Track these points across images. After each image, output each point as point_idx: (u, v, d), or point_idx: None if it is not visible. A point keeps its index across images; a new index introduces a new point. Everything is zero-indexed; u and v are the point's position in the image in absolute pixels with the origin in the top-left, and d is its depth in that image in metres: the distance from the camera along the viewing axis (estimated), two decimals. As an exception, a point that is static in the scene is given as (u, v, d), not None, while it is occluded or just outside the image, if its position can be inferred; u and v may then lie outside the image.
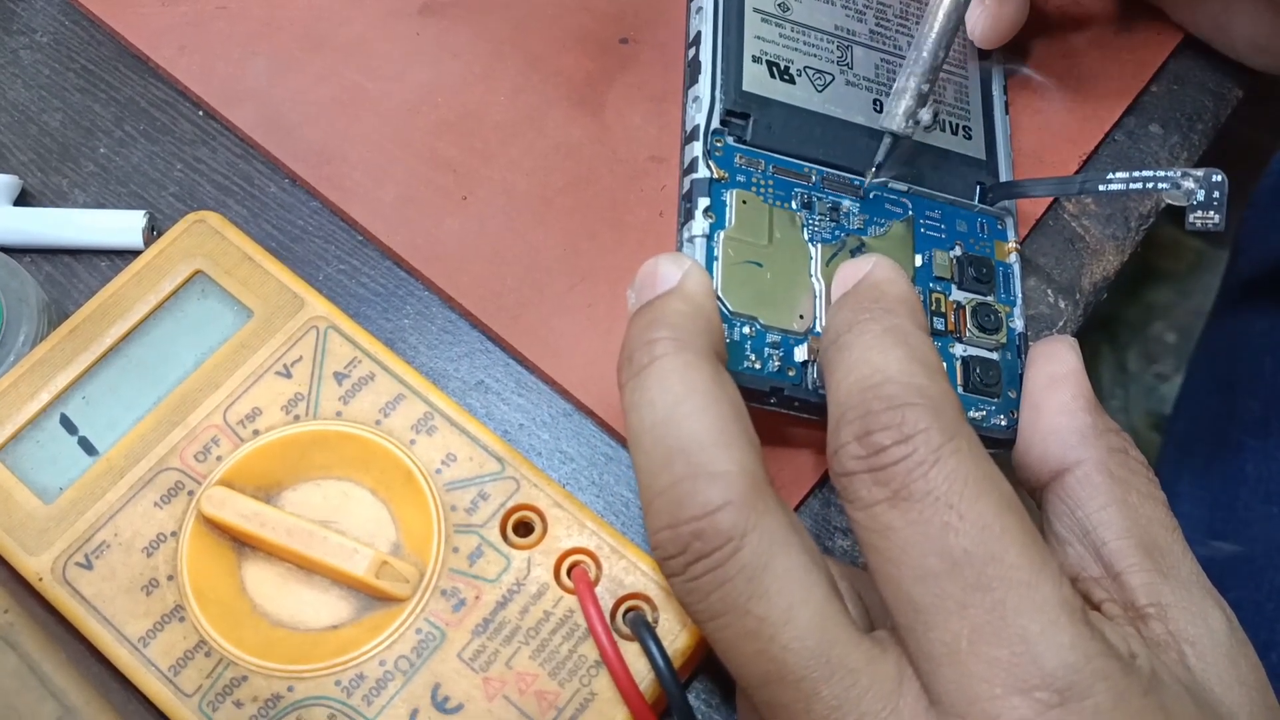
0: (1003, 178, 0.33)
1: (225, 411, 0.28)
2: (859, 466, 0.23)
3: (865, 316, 0.25)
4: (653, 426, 0.23)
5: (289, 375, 0.29)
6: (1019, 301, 0.32)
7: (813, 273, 0.30)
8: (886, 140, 0.31)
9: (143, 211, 0.33)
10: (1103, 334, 1.12)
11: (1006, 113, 0.34)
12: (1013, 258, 0.32)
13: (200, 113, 0.36)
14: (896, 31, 0.34)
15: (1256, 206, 0.61)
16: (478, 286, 0.33)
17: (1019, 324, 0.31)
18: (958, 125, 0.33)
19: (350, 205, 0.34)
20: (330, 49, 0.36)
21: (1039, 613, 0.22)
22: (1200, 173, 0.28)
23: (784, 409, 0.29)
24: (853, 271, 0.27)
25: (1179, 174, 0.28)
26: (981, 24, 0.34)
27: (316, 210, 0.34)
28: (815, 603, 0.23)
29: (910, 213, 0.31)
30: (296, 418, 0.28)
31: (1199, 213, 0.28)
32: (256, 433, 0.28)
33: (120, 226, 0.33)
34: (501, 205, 0.34)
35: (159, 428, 0.28)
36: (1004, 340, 0.31)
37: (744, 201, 0.30)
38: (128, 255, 0.33)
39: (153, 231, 0.33)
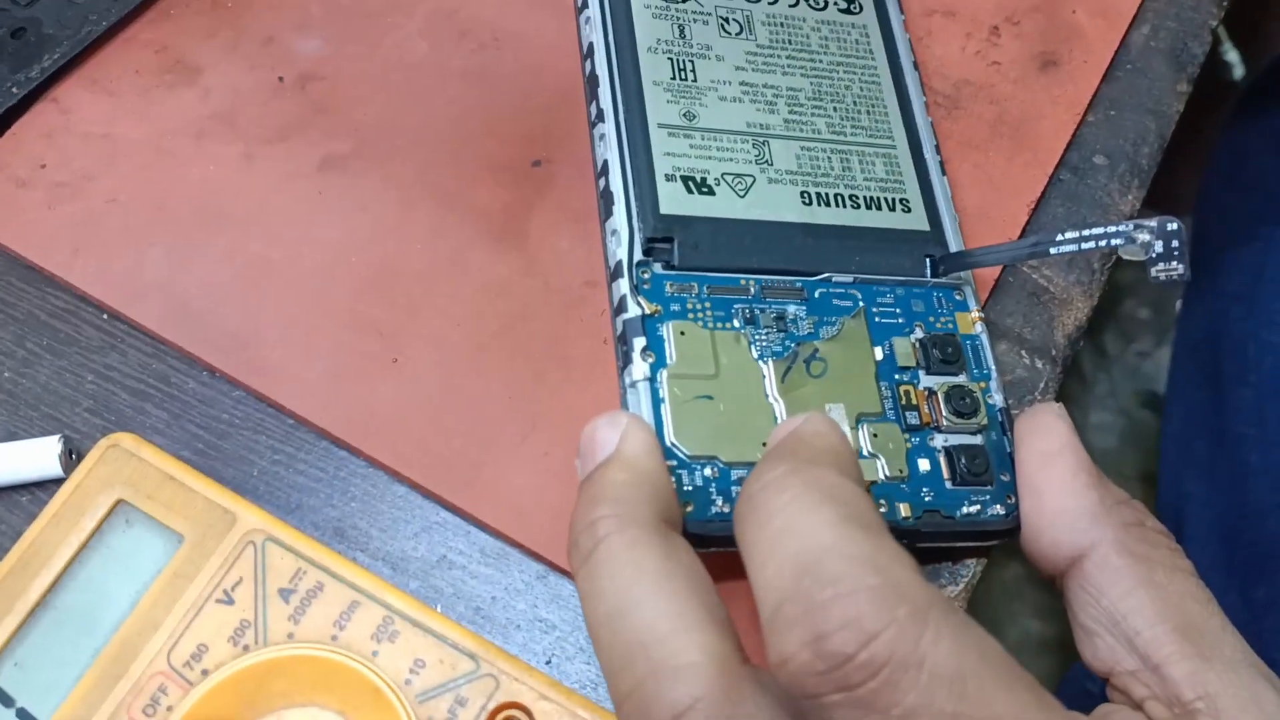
0: (951, 245, 0.31)
1: (169, 654, 0.26)
2: (824, 686, 0.19)
3: (783, 469, 0.21)
4: (607, 620, 0.21)
5: (231, 601, 0.27)
6: (994, 374, 0.30)
7: (768, 393, 0.28)
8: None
9: (57, 436, 0.31)
10: (1077, 325, 1.10)
11: (944, 174, 0.32)
12: (978, 328, 0.30)
13: (104, 316, 0.33)
14: (812, 114, 0.32)
15: (1206, 195, 0.60)
16: (423, 454, 0.31)
17: (997, 398, 0.30)
18: (894, 200, 0.31)
19: (275, 389, 0.32)
20: (229, 224, 0.34)
21: None
22: (1154, 223, 0.26)
23: None
24: (782, 429, 0.24)
25: (1131, 226, 0.26)
26: None
27: (241, 399, 0.32)
28: None
29: (861, 304, 0.30)
30: (246, 647, 0.26)
31: (1160, 265, 0.26)
32: (205, 672, 0.26)
33: (34, 457, 0.31)
34: (435, 361, 0.32)
35: (101, 684, 0.26)
36: (985, 421, 0.29)
37: (682, 333, 0.28)
38: (51, 485, 0.31)
39: (71, 455, 0.31)
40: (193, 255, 0.33)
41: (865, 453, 0.28)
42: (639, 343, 0.27)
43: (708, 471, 0.26)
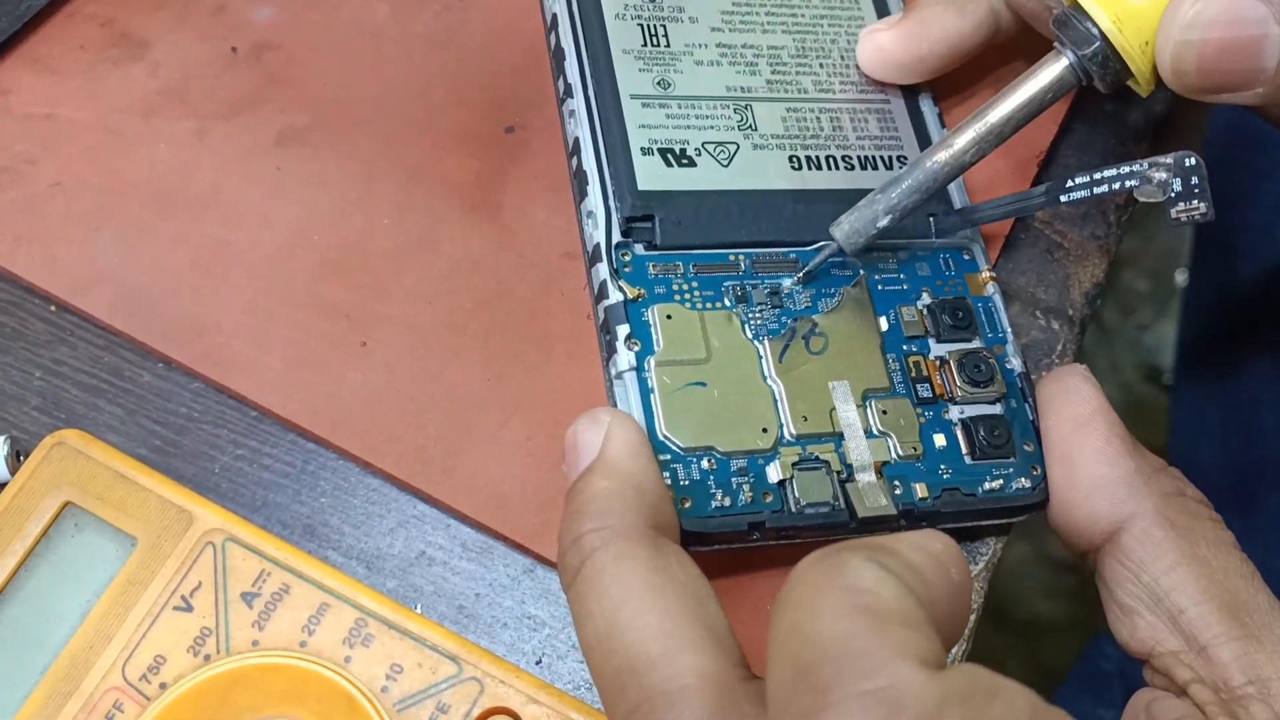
0: (955, 201, 0.29)
1: (124, 667, 0.24)
2: None
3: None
4: (597, 643, 0.20)
5: (189, 608, 0.24)
6: (1009, 337, 0.28)
7: (766, 374, 0.26)
8: (830, 246, 0.27)
9: (3, 437, 0.29)
10: (1076, 298, 1.08)
11: (943, 126, 0.30)
12: (990, 288, 0.28)
13: (51, 308, 0.31)
14: (797, 73, 0.30)
15: (1211, 148, 0.58)
16: (396, 443, 0.29)
17: (1015, 363, 0.27)
18: (890, 158, 0.29)
19: (235, 379, 0.29)
20: (182, 206, 0.32)
21: None
22: (1170, 159, 0.24)
23: (770, 541, 0.25)
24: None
25: (1145, 165, 0.24)
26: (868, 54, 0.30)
27: (199, 392, 0.30)
28: None
29: (861, 272, 0.28)
30: (207, 658, 0.24)
31: (1181, 205, 0.24)
32: (164, 686, 0.24)
33: (-24, 461, 0.28)
34: (407, 344, 0.30)
35: (51, 702, 0.24)
36: (1003, 389, 0.27)
37: (669, 316, 0.26)
38: (-5, 489, 0.29)
39: (18, 456, 0.29)
40: (144, 240, 0.31)
41: (875, 431, 0.26)
42: (622, 330, 0.26)
43: (705, 464, 0.25)
